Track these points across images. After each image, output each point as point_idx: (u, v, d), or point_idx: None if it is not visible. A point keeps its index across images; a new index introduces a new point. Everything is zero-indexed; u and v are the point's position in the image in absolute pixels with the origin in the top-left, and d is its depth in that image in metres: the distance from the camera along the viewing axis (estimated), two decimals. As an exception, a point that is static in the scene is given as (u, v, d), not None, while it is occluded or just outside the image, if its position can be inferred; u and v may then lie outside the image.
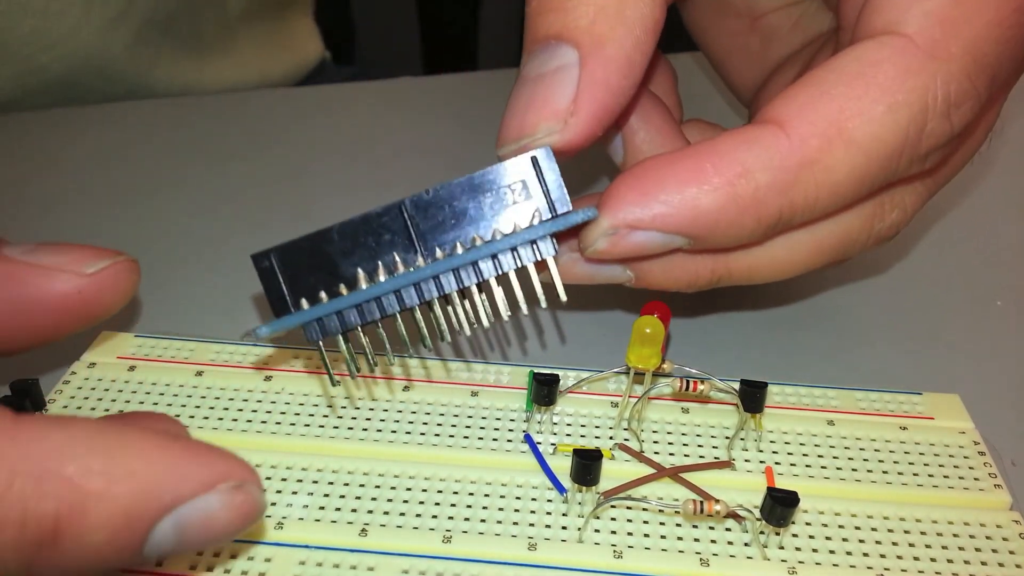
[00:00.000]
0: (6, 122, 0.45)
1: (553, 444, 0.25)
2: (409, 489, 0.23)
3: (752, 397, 0.25)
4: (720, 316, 0.32)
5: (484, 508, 0.23)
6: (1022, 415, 0.28)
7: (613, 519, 0.23)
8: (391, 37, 1.15)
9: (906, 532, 0.23)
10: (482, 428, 0.25)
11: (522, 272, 0.22)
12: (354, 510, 0.23)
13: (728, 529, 0.23)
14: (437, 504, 0.23)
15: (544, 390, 0.25)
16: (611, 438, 0.25)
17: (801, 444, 0.25)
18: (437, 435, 0.25)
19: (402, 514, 0.23)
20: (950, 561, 0.22)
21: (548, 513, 0.23)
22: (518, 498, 0.23)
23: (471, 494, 0.23)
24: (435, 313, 0.22)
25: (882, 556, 0.22)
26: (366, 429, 0.25)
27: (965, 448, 0.25)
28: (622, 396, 0.26)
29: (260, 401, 0.26)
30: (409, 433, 0.25)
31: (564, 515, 0.23)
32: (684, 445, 0.25)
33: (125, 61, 0.47)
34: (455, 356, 0.28)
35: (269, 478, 0.24)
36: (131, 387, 0.26)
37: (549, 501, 0.23)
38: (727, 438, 0.25)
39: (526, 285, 0.22)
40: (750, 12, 0.32)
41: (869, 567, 0.22)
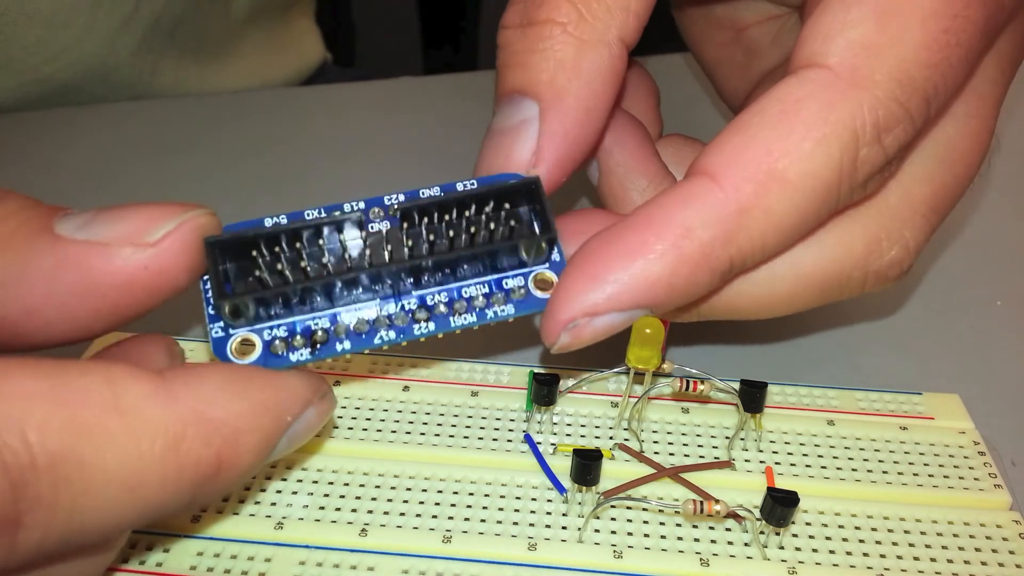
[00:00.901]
0: (6, 122, 0.45)
1: (553, 444, 0.25)
2: (409, 489, 0.23)
3: (752, 397, 0.25)
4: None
5: (484, 508, 0.23)
6: (1022, 415, 0.28)
7: (613, 519, 0.23)
8: (391, 38, 1.15)
9: (906, 532, 0.23)
10: (482, 428, 0.25)
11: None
12: (354, 510, 0.23)
13: (728, 529, 0.23)
14: (437, 504, 0.23)
15: (544, 390, 0.25)
16: (611, 438, 0.25)
17: (801, 444, 0.25)
18: (437, 435, 0.25)
19: (402, 514, 0.23)
20: (950, 561, 0.22)
21: (548, 513, 0.23)
22: (518, 498, 0.23)
23: (471, 494, 0.23)
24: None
25: (882, 556, 0.22)
26: (366, 429, 0.25)
27: (965, 448, 0.25)
28: (622, 396, 0.26)
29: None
30: (409, 433, 0.25)
31: (564, 515, 0.23)
32: (684, 445, 0.25)
33: (129, 68, 0.47)
34: (455, 356, 0.28)
35: (269, 478, 0.24)
36: (131, 387, 0.26)
37: (549, 501, 0.23)
38: (727, 438, 0.25)
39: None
40: (733, 25, 0.32)
41: (869, 567, 0.22)
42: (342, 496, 0.23)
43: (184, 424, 0.16)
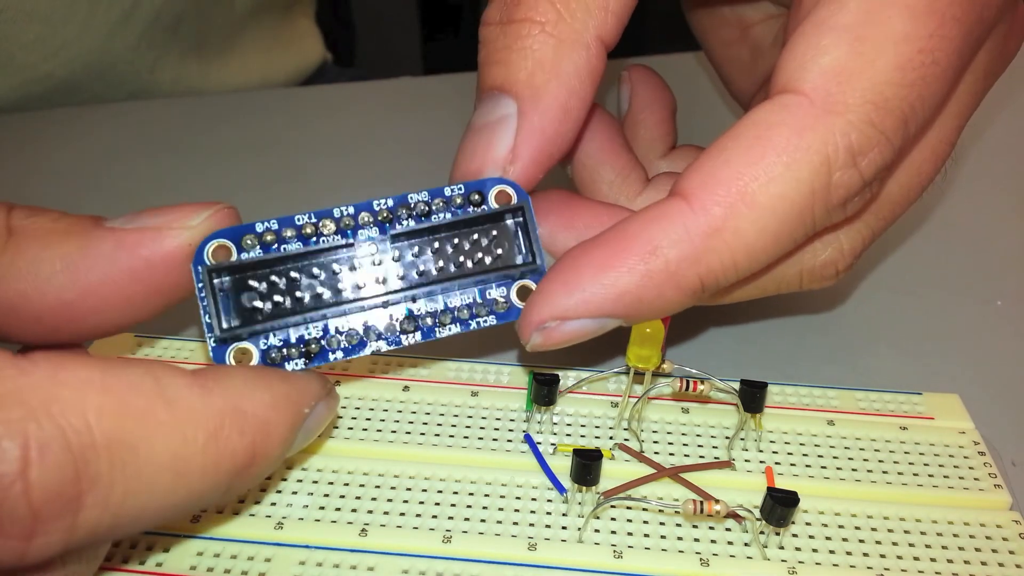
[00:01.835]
0: (7, 122, 0.45)
1: (553, 444, 0.25)
2: (409, 489, 0.23)
3: (752, 397, 0.25)
4: (720, 316, 0.32)
5: (484, 508, 0.23)
6: (1022, 415, 0.28)
7: (613, 519, 0.23)
8: (392, 39, 1.15)
9: (906, 532, 0.23)
10: (482, 428, 0.25)
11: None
12: (354, 510, 0.23)
13: (728, 529, 0.23)
14: (437, 504, 0.23)
15: (544, 390, 0.25)
16: (611, 438, 0.25)
17: (801, 444, 0.25)
18: (437, 435, 0.25)
19: (402, 514, 0.23)
20: (950, 561, 0.22)
21: (548, 513, 0.23)
22: (518, 498, 0.23)
23: (471, 494, 0.23)
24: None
25: (882, 556, 0.22)
26: (366, 429, 0.25)
27: (965, 448, 0.25)
28: (622, 396, 0.26)
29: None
30: (409, 433, 0.25)
31: (564, 515, 0.23)
32: (684, 445, 0.25)
33: (128, 64, 0.47)
34: (455, 356, 0.28)
35: (269, 478, 0.24)
36: (131, 387, 0.26)
37: (549, 501, 0.23)
38: (727, 438, 0.25)
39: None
40: (740, 23, 0.32)
41: (869, 567, 0.22)
42: (342, 496, 0.23)
43: (222, 415, 0.17)
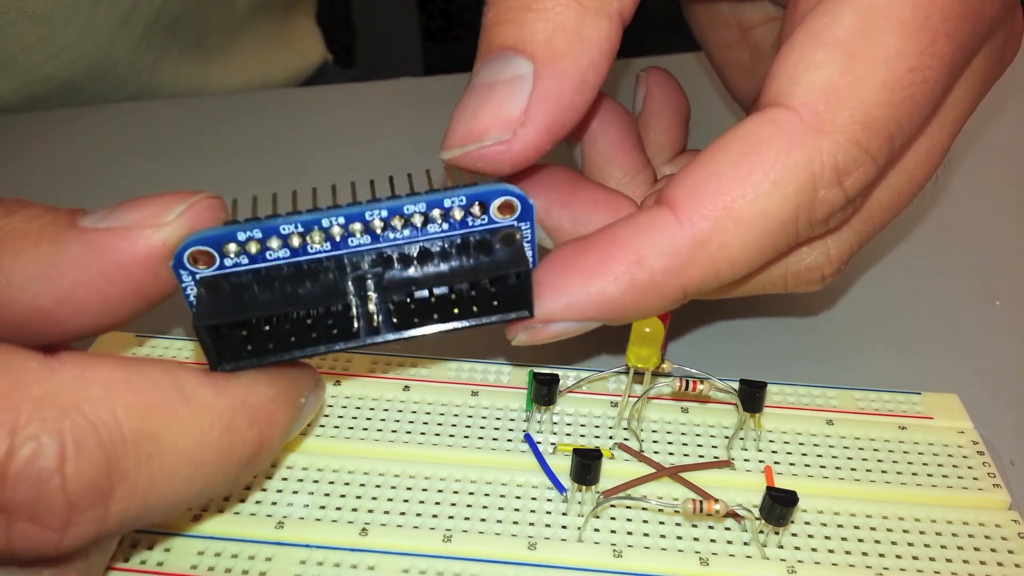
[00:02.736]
0: (8, 122, 0.45)
1: (553, 444, 0.25)
2: (409, 489, 0.24)
3: (751, 397, 0.25)
4: (720, 316, 0.32)
5: (484, 508, 0.23)
6: (1021, 415, 0.28)
7: (613, 518, 0.23)
8: (392, 39, 1.15)
9: (905, 532, 0.23)
10: (482, 428, 0.25)
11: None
12: (354, 509, 0.23)
13: (728, 528, 0.23)
14: (437, 503, 0.23)
15: (544, 390, 0.25)
16: (611, 438, 0.25)
17: (800, 444, 0.25)
18: (437, 435, 0.25)
19: (402, 513, 0.23)
20: (949, 561, 0.22)
21: (548, 512, 0.23)
22: (518, 497, 0.23)
23: (471, 494, 0.24)
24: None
25: (881, 556, 0.22)
26: (366, 429, 0.25)
27: (964, 448, 0.25)
28: (622, 396, 0.26)
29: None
30: (409, 433, 0.25)
31: (564, 514, 0.23)
32: (684, 445, 0.25)
33: (129, 65, 0.48)
34: (455, 356, 0.28)
35: (269, 478, 0.24)
36: (132, 387, 0.26)
37: (549, 500, 0.23)
38: (726, 438, 0.26)
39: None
40: (739, 25, 0.32)
41: (868, 566, 0.22)
42: (342, 496, 0.23)
43: (232, 409, 0.18)
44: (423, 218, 0.20)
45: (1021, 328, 0.32)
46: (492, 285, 0.20)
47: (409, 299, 0.20)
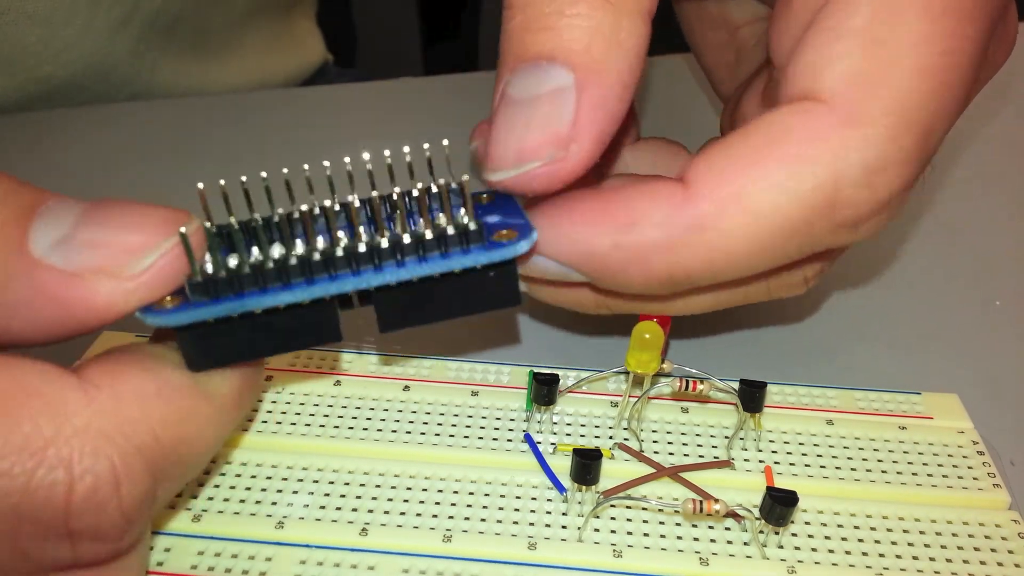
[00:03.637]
0: (7, 122, 0.45)
1: (553, 444, 0.25)
2: (409, 489, 0.24)
3: (751, 397, 0.25)
4: (720, 316, 0.32)
5: (484, 508, 0.23)
6: (1021, 415, 0.28)
7: (613, 518, 0.23)
8: (392, 40, 1.15)
9: (905, 532, 0.23)
10: (482, 428, 0.25)
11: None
12: (354, 509, 0.23)
13: (727, 528, 0.23)
14: (437, 503, 0.23)
15: (544, 390, 0.25)
16: (611, 438, 0.25)
17: (800, 444, 0.25)
18: (437, 435, 0.25)
19: (402, 513, 0.23)
20: (949, 561, 0.22)
21: (548, 512, 0.23)
22: (518, 498, 0.23)
23: (471, 494, 0.24)
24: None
25: (881, 556, 0.22)
26: (366, 429, 0.25)
27: (964, 448, 0.25)
28: (622, 396, 0.26)
29: (260, 400, 0.26)
30: (409, 433, 0.25)
31: (564, 514, 0.23)
32: (684, 445, 0.25)
33: (128, 65, 0.48)
34: (455, 356, 0.28)
35: (270, 478, 0.24)
36: (132, 387, 0.26)
37: (549, 501, 0.23)
38: (726, 438, 0.26)
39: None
40: (726, 25, 0.32)
41: (868, 566, 0.22)
42: (342, 496, 0.23)
43: (241, 390, 0.19)
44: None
45: (1021, 328, 0.32)
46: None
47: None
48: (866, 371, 0.30)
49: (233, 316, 0.18)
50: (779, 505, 0.21)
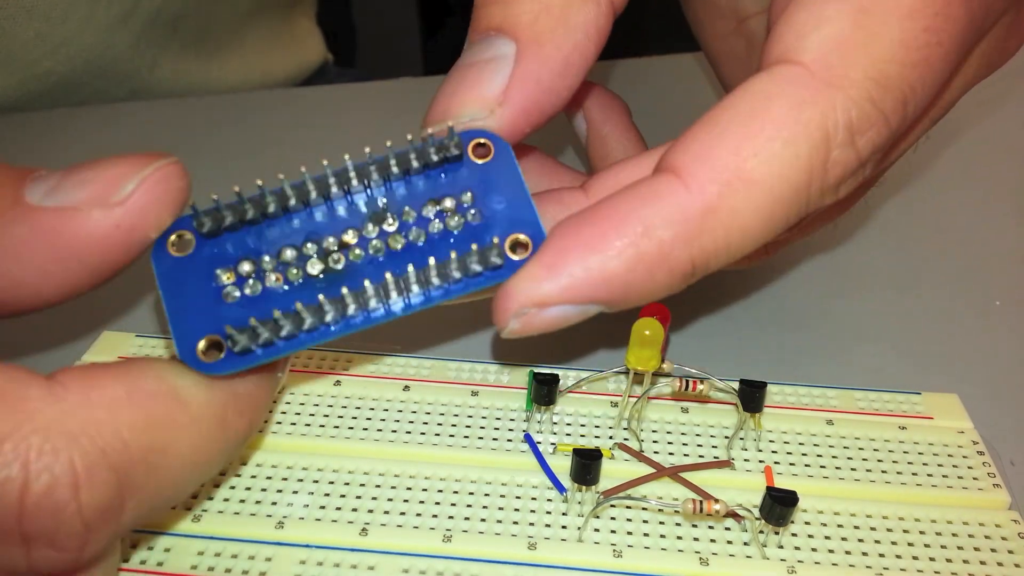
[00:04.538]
0: (7, 122, 0.45)
1: (553, 444, 0.25)
2: (409, 489, 0.24)
3: (751, 397, 0.25)
4: (720, 316, 0.32)
5: (484, 508, 0.23)
6: (1021, 415, 0.28)
7: (613, 518, 0.23)
8: (392, 40, 1.15)
9: (905, 532, 0.23)
10: (482, 428, 0.25)
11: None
12: (354, 509, 0.23)
13: (727, 528, 0.23)
14: (437, 503, 0.23)
15: (544, 390, 0.25)
16: (611, 438, 0.25)
17: (800, 444, 0.25)
18: (437, 435, 0.25)
19: (402, 513, 0.23)
20: (949, 561, 0.22)
21: (548, 512, 0.23)
22: (518, 498, 0.23)
23: (471, 494, 0.24)
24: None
25: (881, 555, 0.22)
26: (366, 429, 0.25)
27: (964, 448, 0.25)
28: (622, 396, 0.26)
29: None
30: (409, 433, 0.25)
31: (564, 514, 0.23)
32: (684, 445, 0.25)
33: (128, 62, 0.47)
34: (455, 356, 0.28)
35: (270, 478, 0.24)
36: (132, 387, 0.26)
37: (549, 501, 0.23)
38: (726, 438, 0.26)
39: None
40: (735, 15, 0.32)
41: (868, 566, 0.22)
42: (342, 496, 0.23)
43: (225, 404, 0.19)
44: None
45: (1021, 328, 0.32)
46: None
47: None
48: (866, 371, 0.30)
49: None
50: (779, 505, 0.21)
